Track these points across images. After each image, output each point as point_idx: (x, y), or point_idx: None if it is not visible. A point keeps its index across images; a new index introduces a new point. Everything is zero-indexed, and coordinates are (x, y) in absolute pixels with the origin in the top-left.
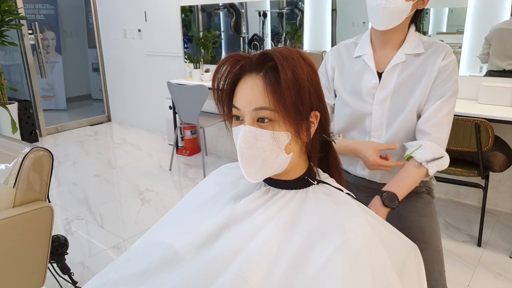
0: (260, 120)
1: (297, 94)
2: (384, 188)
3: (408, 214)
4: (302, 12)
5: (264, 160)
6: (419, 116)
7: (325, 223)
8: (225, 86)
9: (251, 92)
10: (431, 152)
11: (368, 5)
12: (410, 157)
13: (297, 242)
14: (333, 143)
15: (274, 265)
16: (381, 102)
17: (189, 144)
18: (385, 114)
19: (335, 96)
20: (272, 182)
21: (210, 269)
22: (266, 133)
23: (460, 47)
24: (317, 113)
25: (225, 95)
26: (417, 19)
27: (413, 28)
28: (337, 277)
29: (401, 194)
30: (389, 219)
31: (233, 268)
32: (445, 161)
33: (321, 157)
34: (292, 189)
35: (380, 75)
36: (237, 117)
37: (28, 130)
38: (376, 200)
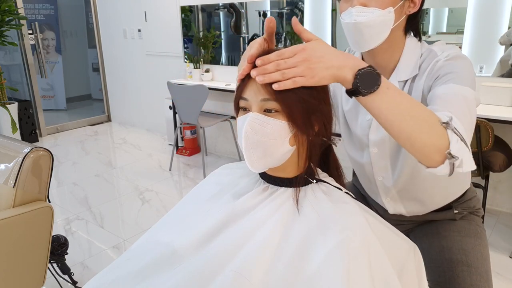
0: (267, 110)
1: (305, 87)
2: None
3: (447, 233)
4: (302, 12)
5: (267, 148)
6: None
7: (323, 221)
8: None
9: (259, 84)
10: (463, 130)
11: (342, 26)
12: None
13: (296, 240)
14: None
15: (273, 263)
16: (378, 144)
17: (189, 144)
18: (387, 156)
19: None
20: (271, 179)
21: (210, 267)
22: (272, 121)
23: (460, 47)
24: (322, 111)
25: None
26: (416, 26)
27: (411, 40)
28: (336, 275)
29: (391, 96)
30: (428, 238)
31: (233, 266)
32: (471, 159)
33: (321, 157)
34: (291, 186)
35: None
36: (244, 109)
37: (28, 130)
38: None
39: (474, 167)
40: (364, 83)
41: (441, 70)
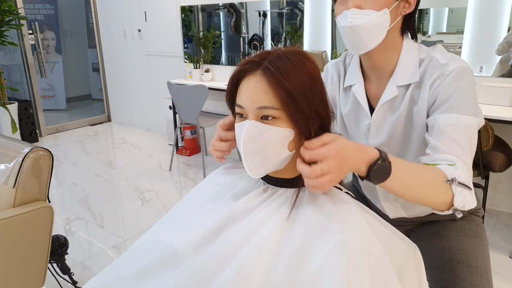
0: (264, 117)
1: (300, 92)
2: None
3: (447, 233)
4: (302, 12)
5: (266, 156)
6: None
7: (323, 221)
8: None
9: (255, 91)
10: (465, 176)
11: (339, 29)
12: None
13: (296, 240)
14: None
15: (273, 263)
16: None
17: (189, 144)
18: None
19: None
20: (271, 180)
21: (210, 267)
22: (270, 128)
23: (460, 47)
24: (320, 112)
25: (229, 94)
26: (412, 26)
27: (408, 41)
28: (336, 275)
29: (401, 177)
30: (428, 238)
31: (233, 266)
32: (473, 199)
33: None
34: (292, 187)
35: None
36: (240, 115)
37: (28, 130)
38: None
39: (475, 205)
40: (377, 175)
41: (445, 92)
